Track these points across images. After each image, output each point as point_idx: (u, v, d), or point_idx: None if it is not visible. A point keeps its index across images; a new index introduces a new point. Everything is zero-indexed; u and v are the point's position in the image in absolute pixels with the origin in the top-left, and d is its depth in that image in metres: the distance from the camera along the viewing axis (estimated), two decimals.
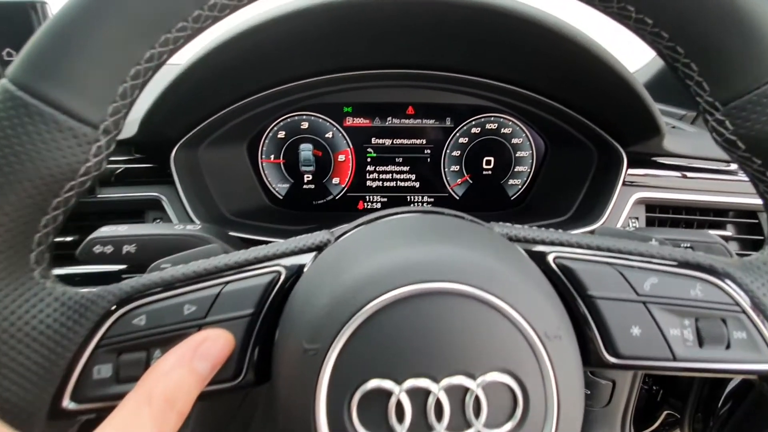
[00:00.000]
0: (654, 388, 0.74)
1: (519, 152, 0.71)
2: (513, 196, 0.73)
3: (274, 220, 0.66)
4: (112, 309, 0.26)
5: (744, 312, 0.26)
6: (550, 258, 0.27)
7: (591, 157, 0.64)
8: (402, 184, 0.72)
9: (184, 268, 0.27)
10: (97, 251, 0.38)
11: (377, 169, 0.71)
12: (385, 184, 0.72)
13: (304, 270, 0.27)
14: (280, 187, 0.71)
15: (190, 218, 0.56)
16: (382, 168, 0.71)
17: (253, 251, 0.28)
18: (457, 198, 0.73)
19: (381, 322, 0.22)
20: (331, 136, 0.69)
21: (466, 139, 0.70)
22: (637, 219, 0.59)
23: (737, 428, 0.61)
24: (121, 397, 0.23)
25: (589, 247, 0.28)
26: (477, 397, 0.22)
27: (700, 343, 0.26)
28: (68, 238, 0.54)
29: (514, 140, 0.70)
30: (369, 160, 0.71)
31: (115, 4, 0.22)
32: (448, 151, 0.71)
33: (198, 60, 0.48)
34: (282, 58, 0.55)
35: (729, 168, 0.60)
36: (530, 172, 0.71)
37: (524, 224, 0.30)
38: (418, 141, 0.70)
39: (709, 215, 0.60)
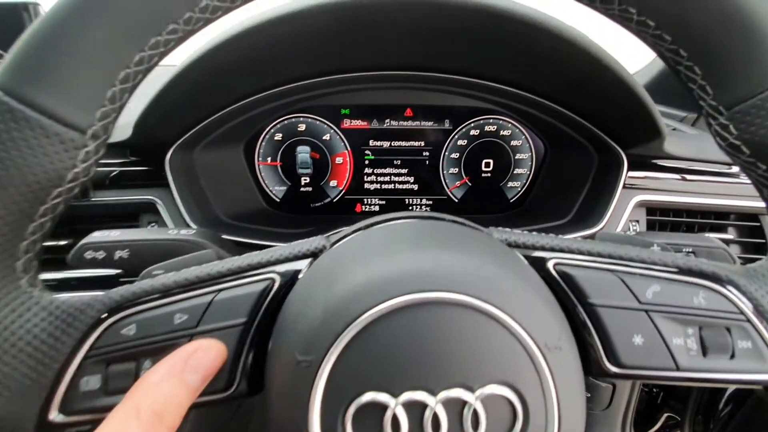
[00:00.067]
0: (654, 390, 0.73)
1: (518, 154, 0.70)
2: (512, 198, 0.72)
3: (270, 223, 0.65)
4: (101, 318, 0.25)
5: (749, 321, 0.25)
6: (550, 264, 0.27)
7: (591, 160, 0.64)
8: (400, 186, 0.71)
9: (176, 275, 0.26)
10: (88, 257, 0.38)
11: (375, 172, 0.71)
12: (383, 186, 0.71)
13: (299, 277, 0.27)
14: (277, 190, 0.71)
15: (186, 222, 0.55)
16: (380, 170, 0.71)
17: (247, 258, 0.27)
18: (456, 200, 0.72)
19: (376, 332, 0.22)
20: (328, 138, 0.69)
21: (465, 141, 0.70)
22: (638, 222, 0.58)
23: (738, 431, 0.60)
24: (109, 409, 0.22)
25: (589, 254, 0.27)
26: (475, 411, 0.21)
27: (704, 353, 0.25)
28: (62, 242, 0.53)
29: (514, 142, 0.70)
30: (367, 162, 0.70)
31: (103, 6, 0.21)
32: (446, 153, 0.70)
33: (193, 62, 0.48)
34: (279, 59, 0.54)
35: (730, 171, 0.59)
36: (530, 174, 0.71)
37: (523, 227, 0.30)
38: (417, 143, 0.70)
39: (710, 218, 0.60)
